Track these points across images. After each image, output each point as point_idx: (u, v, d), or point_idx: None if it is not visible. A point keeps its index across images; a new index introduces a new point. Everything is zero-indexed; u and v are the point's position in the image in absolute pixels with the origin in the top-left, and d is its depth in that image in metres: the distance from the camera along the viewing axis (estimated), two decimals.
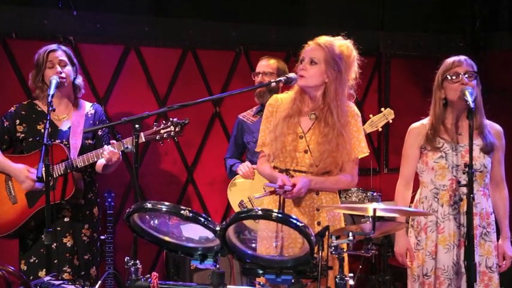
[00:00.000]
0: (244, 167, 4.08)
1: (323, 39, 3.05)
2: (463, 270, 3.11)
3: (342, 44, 3.06)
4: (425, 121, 3.35)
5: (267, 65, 4.18)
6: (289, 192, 2.95)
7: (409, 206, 3.41)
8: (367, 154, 3.15)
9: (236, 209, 4.16)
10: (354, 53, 3.09)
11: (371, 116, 4.52)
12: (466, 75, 3.18)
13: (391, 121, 4.54)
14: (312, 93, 3.09)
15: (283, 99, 3.17)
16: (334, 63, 3.00)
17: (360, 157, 3.13)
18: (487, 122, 3.29)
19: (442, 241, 3.22)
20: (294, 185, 2.95)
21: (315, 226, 3.03)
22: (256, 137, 4.10)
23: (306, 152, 3.06)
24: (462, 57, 3.24)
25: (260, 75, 4.16)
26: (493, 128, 3.31)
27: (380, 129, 4.51)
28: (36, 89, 3.68)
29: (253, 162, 4.10)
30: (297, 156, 3.06)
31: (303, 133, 3.08)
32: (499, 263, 3.28)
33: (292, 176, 3.04)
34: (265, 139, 3.17)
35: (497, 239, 3.31)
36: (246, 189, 4.12)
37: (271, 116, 3.17)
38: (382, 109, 4.51)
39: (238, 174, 4.14)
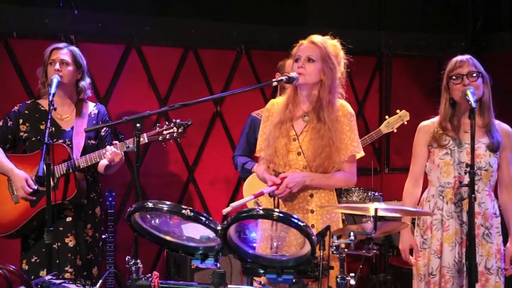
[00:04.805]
0: None
1: (317, 38, 3.08)
2: (465, 269, 3.10)
3: (332, 43, 3.11)
4: (435, 119, 3.34)
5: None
6: (278, 190, 2.95)
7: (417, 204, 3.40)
8: (363, 155, 3.15)
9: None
10: (341, 53, 3.13)
11: (387, 117, 4.57)
12: (468, 76, 3.17)
13: (406, 123, 4.56)
14: (308, 92, 3.09)
15: (278, 103, 3.19)
16: (329, 61, 3.04)
17: (357, 157, 3.12)
18: (496, 121, 3.27)
19: (447, 239, 3.21)
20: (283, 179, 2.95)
21: None
22: None
23: (298, 154, 3.05)
24: (465, 57, 3.24)
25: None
26: (501, 127, 3.28)
27: (395, 131, 4.55)
28: (40, 84, 3.70)
29: None
30: (289, 159, 3.05)
31: (296, 135, 3.08)
32: (506, 266, 3.25)
33: None
34: (262, 144, 3.19)
35: (505, 242, 3.27)
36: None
37: (267, 120, 3.19)
38: (398, 111, 4.55)
39: (253, 172, 4.07)
